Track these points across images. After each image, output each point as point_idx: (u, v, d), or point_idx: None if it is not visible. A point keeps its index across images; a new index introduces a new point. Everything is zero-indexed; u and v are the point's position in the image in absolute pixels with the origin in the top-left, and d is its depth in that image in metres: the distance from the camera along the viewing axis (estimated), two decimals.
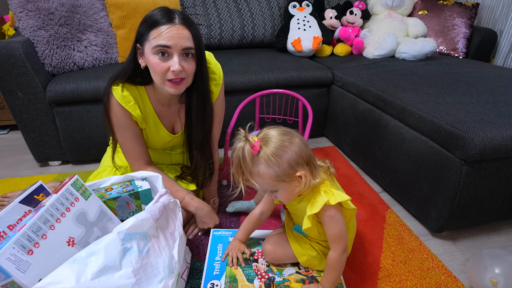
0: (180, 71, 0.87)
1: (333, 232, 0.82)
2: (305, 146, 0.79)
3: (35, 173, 1.55)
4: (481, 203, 1.10)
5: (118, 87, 0.95)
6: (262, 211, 1.00)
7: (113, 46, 1.67)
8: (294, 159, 0.76)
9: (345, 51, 2.00)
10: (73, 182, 0.76)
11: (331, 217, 0.81)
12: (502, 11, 2.11)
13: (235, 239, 1.03)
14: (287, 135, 0.78)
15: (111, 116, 0.98)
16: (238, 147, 0.76)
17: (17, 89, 1.38)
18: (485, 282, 0.92)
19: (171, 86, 0.90)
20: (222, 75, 1.07)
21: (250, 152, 0.75)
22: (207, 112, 1.03)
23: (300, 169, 0.77)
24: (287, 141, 0.76)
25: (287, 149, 0.76)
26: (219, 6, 1.97)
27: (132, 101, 0.97)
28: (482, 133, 0.99)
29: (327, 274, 0.86)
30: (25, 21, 1.45)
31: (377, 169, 1.44)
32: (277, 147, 0.75)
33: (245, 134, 0.77)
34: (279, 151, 0.75)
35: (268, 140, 0.76)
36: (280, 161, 0.75)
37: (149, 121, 1.05)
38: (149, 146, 1.12)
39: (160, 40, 0.84)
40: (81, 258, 0.64)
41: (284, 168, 0.76)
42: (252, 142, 0.75)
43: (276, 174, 0.76)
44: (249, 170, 0.76)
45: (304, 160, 0.78)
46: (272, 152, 0.74)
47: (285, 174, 0.76)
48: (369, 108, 1.46)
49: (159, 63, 0.87)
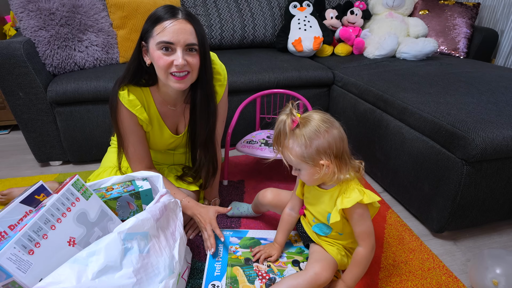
0: (183, 65, 0.87)
1: (362, 229, 0.85)
2: (341, 140, 0.81)
3: (36, 173, 1.56)
4: (482, 203, 1.09)
5: (124, 92, 0.96)
6: (292, 207, 1.03)
7: (114, 46, 1.67)
8: (323, 147, 0.79)
9: (346, 51, 2.00)
10: (74, 182, 0.76)
11: (361, 214, 0.84)
12: (503, 11, 2.11)
13: (274, 241, 1.06)
14: (327, 123, 0.80)
15: (119, 121, 0.99)
16: (280, 119, 0.81)
17: (18, 89, 1.39)
18: (486, 282, 0.92)
19: (175, 81, 0.90)
20: (226, 76, 1.08)
21: (289, 126, 0.79)
22: (211, 108, 1.03)
23: (325, 158, 0.79)
24: (324, 128, 0.79)
25: (320, 135, 0.78)
26: (219, 6, 1.97)
27: (139, 105, 0.98)
28: (483, 133, 0.99)
29: (352, 269, 0.88)
30: (26, 21, 1.46)
31: (378, 169, 1.44)
32: (313, 130, 0.78)
33: (291, 109, 0.80)
34: (312, 134, 0.78)
35: (308, 121, 0.80)
36: (309, 144, 0.78)
37: (153, 123, 1.05)
38: (152, 147, 1.12)
39: (164, 36, 0.85)
40: (82, 258, 0.64)
41: (311, 152, 0.79)
42: (293, 118, 0.79)
43: (301, 154, 0.80)
44: (282, 142, 0.82)
45: (334, 152, 0.80)
46: (306, 133, 0.78)
47: (309, 157, 0.79)
48: (370, 108, 1.46)
49: (163, 57, 0.87)
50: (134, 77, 0.97)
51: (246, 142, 1.41)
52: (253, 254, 1.04)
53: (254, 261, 1.02)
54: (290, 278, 0.88)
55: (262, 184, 1.45)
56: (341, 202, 0.83)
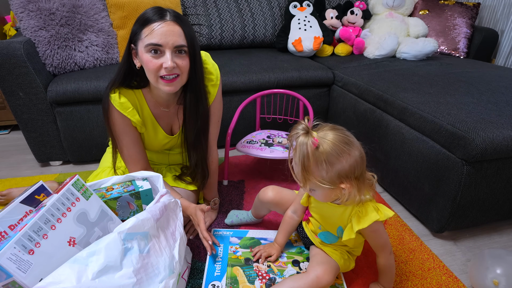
0: (173, 67, 0.86)
1: (378, 243, 0.86)
2: (362, 161, 0.76)
3: (36, 173, 1.56)
4: (482, 203, 1.09)
5: (115, 95, 0.95)
6: (294, 210, 1.02)
7: (114, 46, 1.67)
8: (345, 171, 0.73)
9: (346, 51, 2.00)
10: (74, 182, 0.76)
11: (376, 230, 0.83)
12: (503, 11, 2.11)
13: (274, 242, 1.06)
14: (348, 144, 0.74)
15: (111, 123, 0.98)
16: (301, 141, 0.73)
17: (18, 89, 1.39)
18: (487, 283, 0.92)
19: (165, 84, 0.90)
20: (219, 76, 1.06)
21: (311, 148, 0.71)
22: (200, 110, 1.02)
23: (346, 182, 0.74)
24: (346, 151, 0.73)
25: (342, 159, 0.72)
26: (220, 6, 1.97)
27: (130, 107, 0.97)
28: (483, 133, 0.99)
29: (385, 277, 0.91)
30: (26, 22, 1.46)
31: (378, 169, 1.43)
32: (334, 154, 0.72)
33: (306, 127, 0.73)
34: (333, 158, 0.72)
35: (327, 142, 0.72)
36: (330, 168, 0.72)
37: (147, 124, 1.05)
38: (147, 148, 1.11)
39: (152, 38, 0.84)
40: (82, 258, 0.64)
41: (331, 176, 0.73)
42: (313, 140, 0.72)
43: (321, 177, 0.74)
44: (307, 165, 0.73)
45: (355, 175, 0.74)
46: (326, 157, 0.71)
47: (330, 181, 0.74)
48: (370, 108, 1.46)
49: (152, 60, 0.86)
50: (125, 79, 0.96)
51: (246, 142, 1.41)
52: (253, 254, 1.04)
53: (254, 261, 1.03)
54: (291, 280, 0.88)
55: (262, 184, 1.45)
56: (358, 222, 0.80)
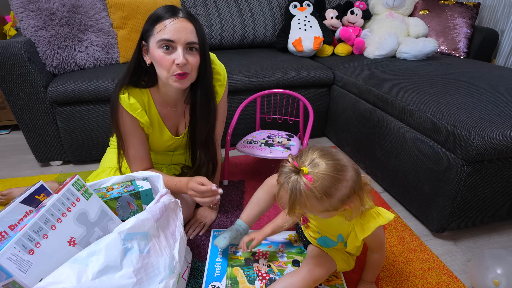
0: (184, 64, 0.88)
1: (378, 243, 0.88)
2: (357, 175, 0.74)
3: (36, 173, 1.56)
4: (482, 203, 1.09)
5: (124, 95, 0.95)
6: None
7: (114, 46, 1.67)
8: (346, 195, 0.72)
9: (346, 51, 2.00)
10: (74, 182, 0.76)
11: (377, 234, 0.84)
12: (503, 11, 2.11)
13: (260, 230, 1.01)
14: (342, 170, 0.70)
15: (120, 124, 0.99)
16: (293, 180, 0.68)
17: (19, 89, 1.39)
18: (487, 283, 0.92)
19: (176, 80, 0.91)
20: (226, 76, 1.08)
21: (303, 188, 0.68)
22: (211, 107, 1.04)
23: (349, 202, 0.73)
24: (342, 178, 0.70)
25: (341, 187, 0.70)
26: (220, 6, 1.97)
27: (140, 108, 0.98)
28: (483, 133, 0.99)
29: (373, 271, 0.94)
30: (26, 22, 1.46)
31: (378, 169, 1.44)
32: (331, 186, 0.69)
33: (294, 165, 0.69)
34: (332, 190, 0.69)
35: (320, 176, 0.68)
36: (331, 199, 0.70)
37: (154, 125, 1.05)
38: (151, 149, 1.11)
39: (165, 34, 0.85)
40: (82, 258, 0.64)
41: (334, 203, 0.72)
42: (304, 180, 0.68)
43: (324, 208, 0.72)
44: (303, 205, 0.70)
45: (355, 191, 0.73)
46: (324, 191, 0.68)
47: (333, 207, 0.73)
48: (370, 108, 1.46)
49: (164, 56, 0.87)
50: (134, 77, 0.97)
51: (246, 142, 1.41)
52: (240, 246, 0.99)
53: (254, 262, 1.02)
54: (286, 277, 0.89)
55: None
56: (361, 230, 0.80)
